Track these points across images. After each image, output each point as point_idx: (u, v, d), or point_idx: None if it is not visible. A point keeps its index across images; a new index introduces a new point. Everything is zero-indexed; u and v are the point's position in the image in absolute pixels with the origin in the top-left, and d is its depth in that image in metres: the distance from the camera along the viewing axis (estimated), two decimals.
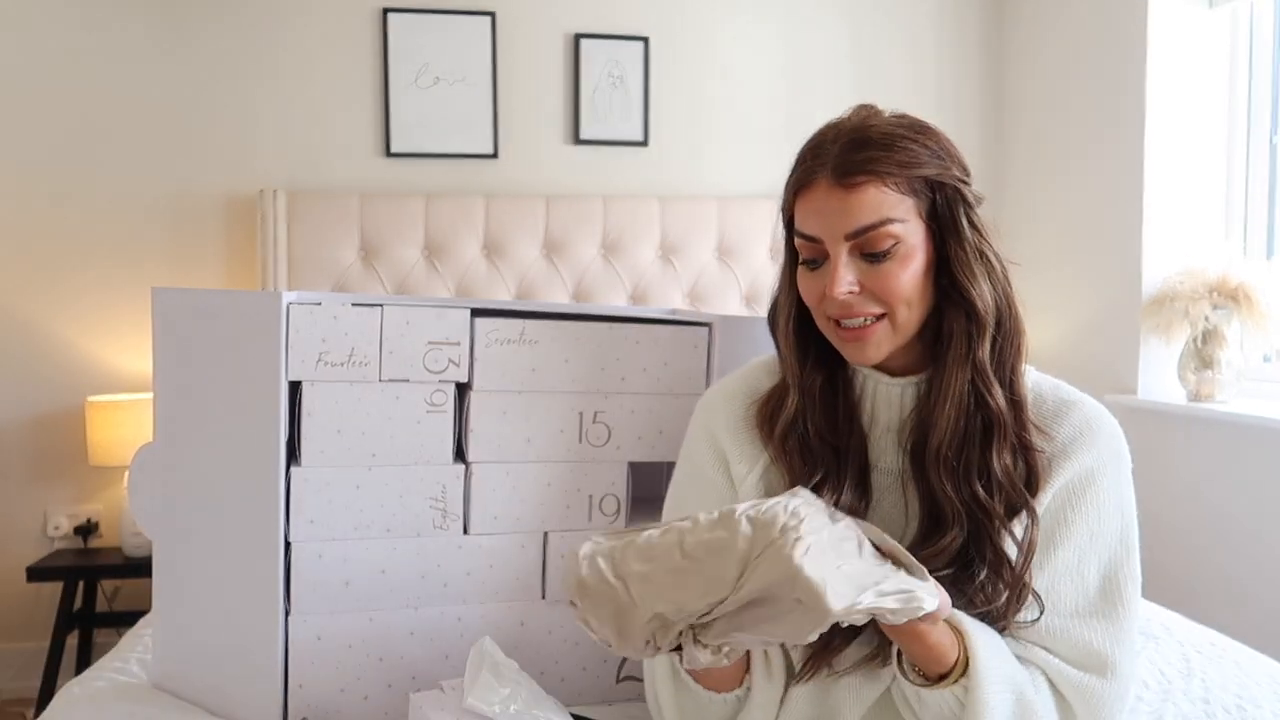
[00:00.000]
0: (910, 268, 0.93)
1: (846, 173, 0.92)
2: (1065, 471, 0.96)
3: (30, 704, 2.66)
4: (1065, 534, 0.96)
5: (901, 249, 0.93)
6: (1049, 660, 0.96)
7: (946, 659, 0.90)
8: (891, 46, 3.18)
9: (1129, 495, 1.00)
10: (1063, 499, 0.97)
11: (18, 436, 2.74)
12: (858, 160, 0.92)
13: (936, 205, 0.94)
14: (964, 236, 0.94)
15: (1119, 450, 1.00)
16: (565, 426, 1.26)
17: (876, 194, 0.91)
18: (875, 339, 0.95)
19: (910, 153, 0.92)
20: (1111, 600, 0.97)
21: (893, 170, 0.92)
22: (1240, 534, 2.41)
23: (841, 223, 0.93)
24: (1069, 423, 0.98)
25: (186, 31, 2.78)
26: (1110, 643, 0.96)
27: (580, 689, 1.29)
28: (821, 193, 0.94)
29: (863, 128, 0.94)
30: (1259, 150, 2.67)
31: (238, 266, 2.83)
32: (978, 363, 0.94)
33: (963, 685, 0.89)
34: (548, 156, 2.99)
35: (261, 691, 1.17)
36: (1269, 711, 1.28)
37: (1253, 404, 2.49)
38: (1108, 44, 2.81)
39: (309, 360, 1.15)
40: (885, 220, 0.92)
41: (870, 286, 0.93)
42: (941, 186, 0.94)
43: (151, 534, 1.25)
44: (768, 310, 1.08)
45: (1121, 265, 2.76)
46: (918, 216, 0.93)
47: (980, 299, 0.94)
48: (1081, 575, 0.97)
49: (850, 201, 0.92)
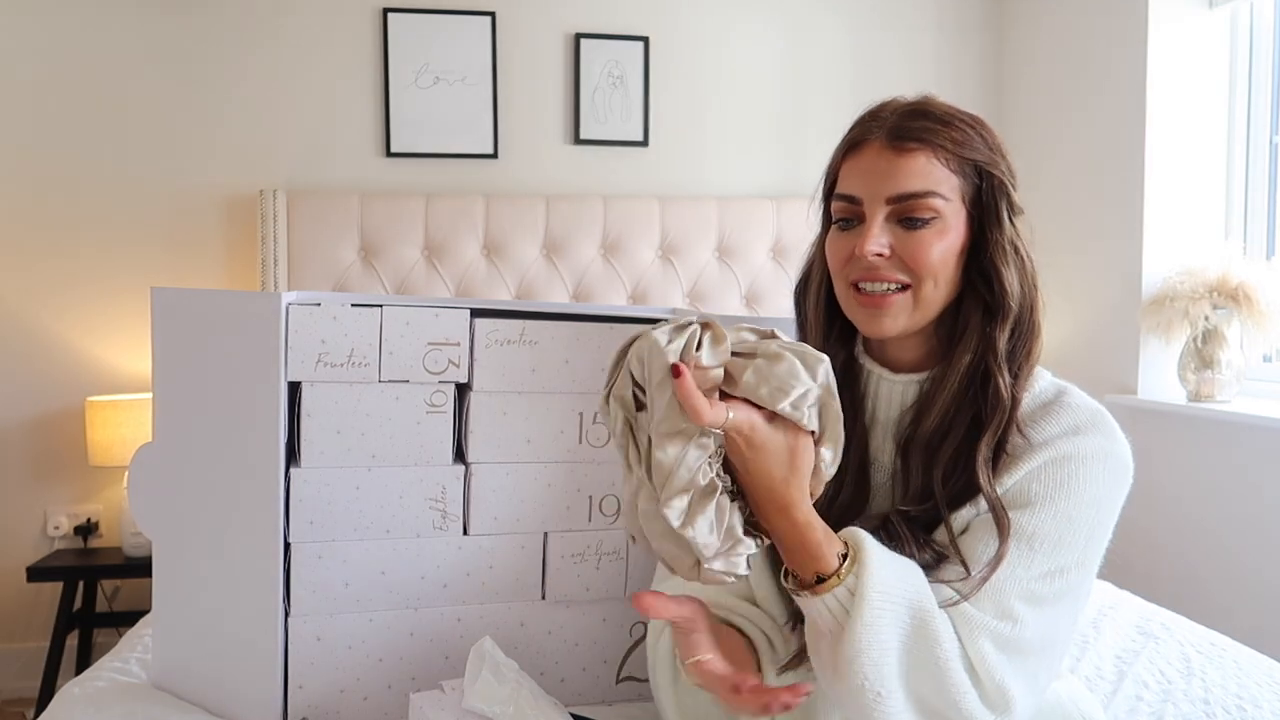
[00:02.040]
0: (945, 242, 0.93)
1: (900, 136, 0.93)
2: (1039, 456, 0.93)
3: (30, 704, 2.66)
4: (1023, 502, 0.92)
5: (940, 223, 0.93)
6: (963, 606, 0.88)
7: (821, 550, 0.82)
8: (891, 47, 3.18)
9: (1110, 498, 0.94)
10: (1033, 474, 0.92)
11: (18, 436, 2.74)
12: (914, 127, 0.93)
13: (981, 192, 0.94)
14: (1003, 226, 0.94)
15: (1110, 451, 0.95)
16: (565, 427, 1.25)
17: (926, 163, 0.92)
18: (894, 309, 0.94)
19: (966, 134, 0.94)
20: (1050, 577, 0.90)
21: (946, 144, 0.93)
22: (1240, 534, 2.41)
23: (886, 184, 0.93)
24: (1059, 423, 0.95)
25: (186, 32, 2.78)
26: (1024, 602, 0.89)
27: (580, 689, 1.29)
28: (873, 153, 0.94)
29: (923, 102, 0.97)
30: (1259, 150, 2.67)
31: (238, 266, 2.83)
32: (995, 347, 0.94)
33: (848, 587, 0.82)
34: (548, 156, 2.99)
35: (261, 691, 1.17)
36: (1269, 711, 1.28)
37: (1253, 404, 2.49)
38: (1108, 44, 2.81)
39: (309, 361, 1.15)
40: (930, 192, 0.92)
41: (901, 253, 0.93)
42: (990, 175, 0.95)
43: (151, 534, 1.25)
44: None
45: (1121, 265, 2.76)
46: (960, 199, 0.94)
47: (1010, 285, 0.94)
48: (1031, 549, 0.90)
49: (900, 164, 0.93)
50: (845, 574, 0.83)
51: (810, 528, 0.82)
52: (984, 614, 0.88)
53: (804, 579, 0.84)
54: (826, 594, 0.83)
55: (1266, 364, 2.63)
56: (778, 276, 2.99)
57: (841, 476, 0.98)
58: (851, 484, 0.99)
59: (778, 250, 3.00)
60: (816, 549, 0.83)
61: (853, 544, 0.85)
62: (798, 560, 0.84)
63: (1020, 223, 0.96)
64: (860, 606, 0.82)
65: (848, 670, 0.83)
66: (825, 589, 0.83)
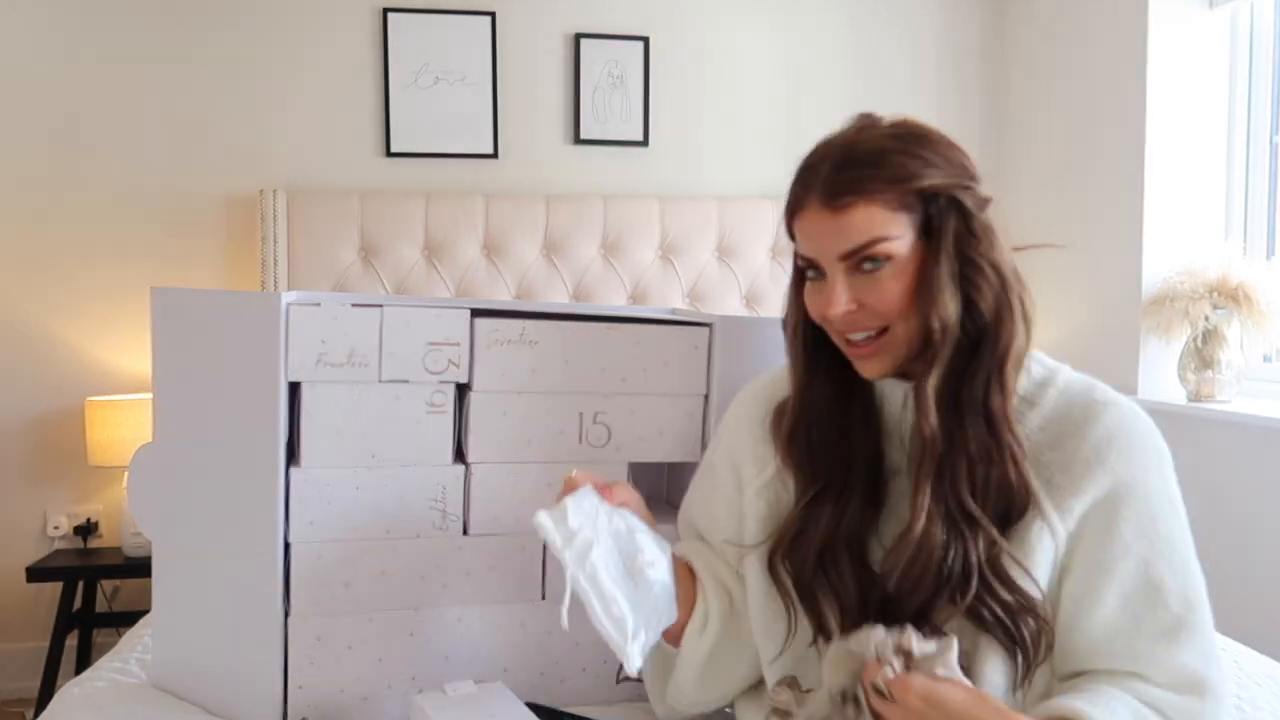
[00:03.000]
0: (903, 281, 0.92)
1: (834, 194, 0.92)
2: (1101, 479, 0.93)
3: (30, 704, 2.66)
4: (1122, 549, 0.93)
5: (896, 264, 0.92)
6: (1150, 693, 0.91)
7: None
8: (892, 47, 3.18)
9: (1176, 494, 0.97)
10: (1108, 512, 0.93)
11: (18, 436, 2.74)
12: (844, 181, 0.91)
13: (930, 217, 0.92)
14: (947, 249, 0.91)
15: (1158, 450, 0.97)
16: (565, 427, 1.25)
17: (865, 213, 0.91)
18: (881, 352, 0.95)
19: (899, 167, 0.91)
20: (1192, 607, 0.93)
21: (880, 188, 0.91)
22: (1240, 534, 2.41)
23: (833, 244, 0.93)
24: (1100, 425, 0.95)
25: (186, 32, 2.78)
26: (1202, 660, 0.92)
27: (580, 689, 1.29)
28: (812, 215, 0.94)
29: (851, 146, 0.93)
30: (1259, 150, 2.67)
31: (238, 266, 2.83)
32: (922, 388, 0.93)
33: None
34: (548, 156, 2.99)
35: (261, 692, 1.17)
36: (1269, 712, 1.28)
37: (1253, 404, 2.49)
38: (1108, 44, 2.81)
39: (308, 361, 1.15)
40: (875, 239, 0.91)
41: (867, 303, 0.93)
42: (934, 197, 0.92)
43: (151, 534, 1.25)
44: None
45: (1121, 265, 2.76)
46: (911, 230, 0.92)
47: (938, 315, 0.91)
48: (1156, 588, 0.93)
49: (840, 223, 0.92)
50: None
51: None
52: (1184, 698, 0.91)
53: None
54: None
55: (1266, 364, 2.63)
56: (777, 276, 2.98)
57: (850, 491, 0.99)
58: (860, 497, 0.99)
59: (778, 250, 3.00)
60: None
61: (1070, 714, 0.87)
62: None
63: (982, 224, 0.93)
64: None
65: None
66: None
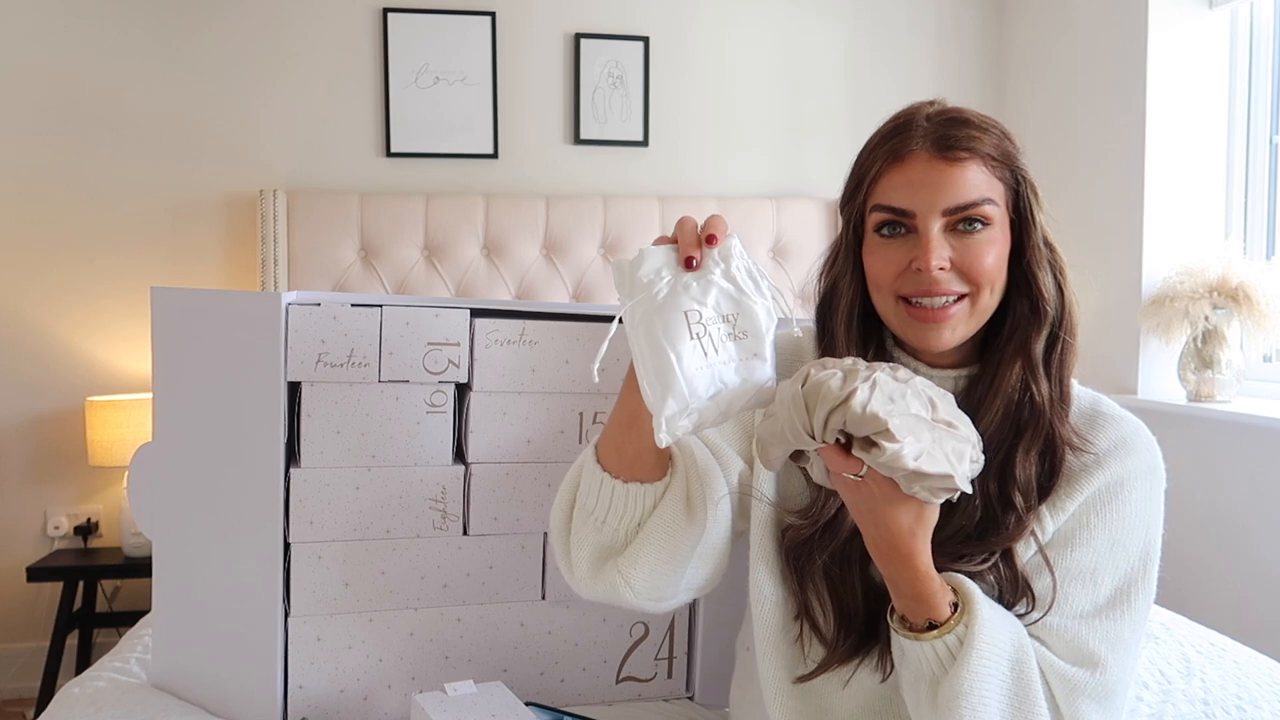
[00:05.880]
0: (998, 249, 0.93)
1: (949, 146, 0.91)
2: (1094, 482, 0.95)
3: (30, 704, 2.66)
4: (1086, 537, 0.94)
5: (992, 230, 0.93)
6: (1041, 651, 0.93)
7: (935, 599, 0.86)
8: (892, 46, 3.18)
9: (1157, 512, 0.98)
10: (1088, 505, 0.95)
11: (18, 436, 2.74)
12: (960, 136, 0.91)
13: (1020, 195, 0.95)
14: (1038, 229, 0.95)
15: (1153, 467, 0.98)
16: (565, 427, 1.25)
17: (978, 172, 0.92)
18: (953, 321, 0.93)
19: (1003, 140, 0.94)
20: (1119, 606, 0.95)
21: (990, 151, 0.92)
22: (1240, 534, 2.41)
23: (941, 196, 0.91)
24: (1104, 437, 0.96)
25: (186, 31, 2.78)
26: (1105, 645, 0.93)
27: (580, 689, 1.29)
28: (920, 165, 0.92)
29: (957, 109, 0.95)
30: (1259, 150, 2.67)
31: (238, 266, 2.83)
32: (1031, 354, 0.94)
33: (958, 636, 0.85)
34: (548, 156, 2.99)
35: (261, 691, 1.17)
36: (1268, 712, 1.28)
37: (1253, 404, 2.49)
38: (1108, 44, 2.81)
39: (308, 361, 1.15)
40: (985, 199, 0.91)
41: (960, 263, 0.92)
42: (1024, 178, 0.95)
43: (151, 534, 1.25)
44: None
45: (1121, 265, 2.76)
46: (1005, 205, 0.94)
47: (1046, 289, 0.94)
48: (1095, 582, 0.94)
49: (953, 175, 0.91)
50: (955, 623, 0.86)
51: (929, 578, 0.86)
52: (1072, 667, 0.91)
53: (914, 624, 0.88)
54: (936, 640, 0.86)
55: (1266, 364, 2.62)
56: (778, 277, 2.98)
57: None
58: None
59: (778, 250, 3.00)
60: (931, 597, 0.86)
61: (962, 594, 0.88)
62: (910, 606, 0.87)
63: (1047, 216, 0.97)
64: (968, 655, 0.85)
65: (947, 712, 0.86)
66: (934, 635, 0.86)
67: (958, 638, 0.85)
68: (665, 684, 1.33)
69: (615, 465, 0.95)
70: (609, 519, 0.96)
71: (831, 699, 1.00)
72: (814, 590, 0.98)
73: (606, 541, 0.97)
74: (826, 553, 0.97)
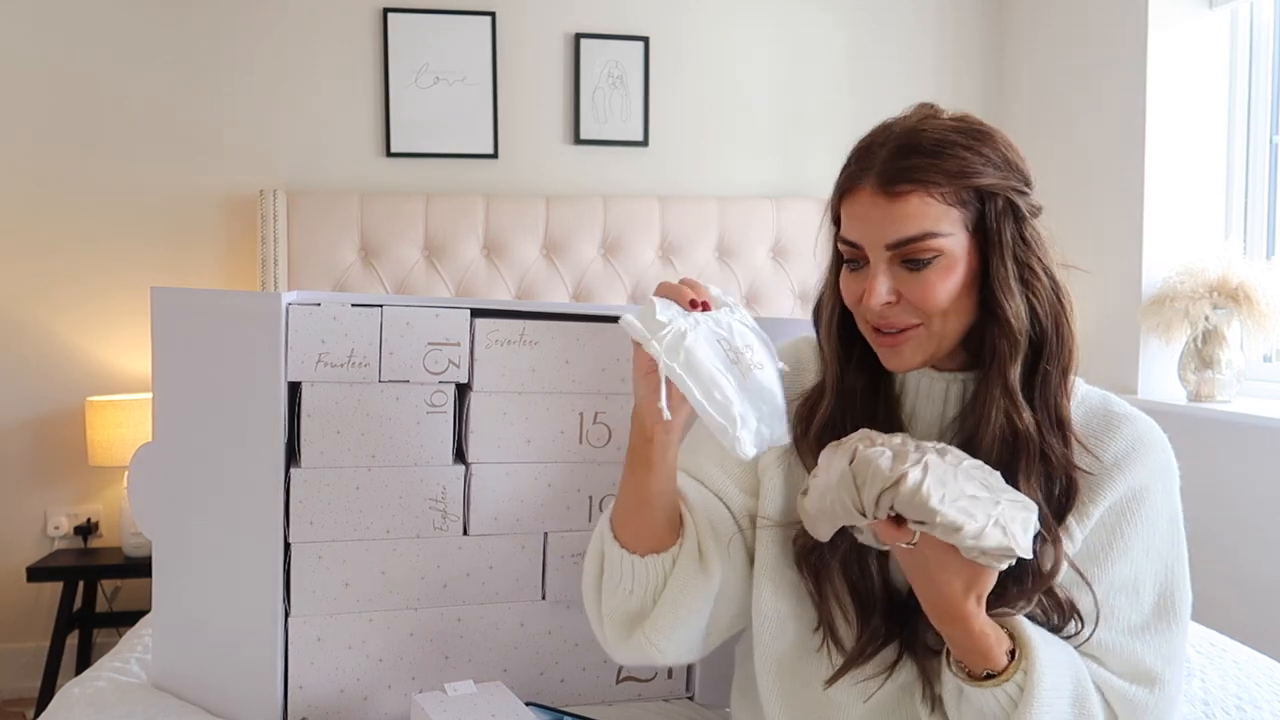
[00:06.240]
0: (950, 280, 0.91)
1: (890, 180, 0.89)
2: (1117, 487, 0.94)
3: (30, 704, 2.66)
4: (1122, 549, 0.94)
5: (943, 261, 0.90)
6: (1099, 672, 0.94)
7: (992, 653, 0.87)
8: (891, 46, 3.18)
9: (1179, 509, 0.99)
10: (1116, 514, 0.95)
11: (18, 436, 2.74)
12: (904, 168, 0.89)
13: (984, 216, 0.90)
14: (1007, 251, 0.91)
15: (1169, 465, 0.98)
16: (565, 427, 1.25)
17: (920, 205, 0.89)
18: (911, 344, 0.93)
19: (961, 161, 0.89)
20: (1166, 617, 0.95)
21: (939, 180, 0.89)
22: (1240, 534, 2.41)
23: (882, 232, 0.90)
24: (1120, 438, 0.96)
25: (186, 31, 2.78)
26: (1161, 660, 0.94)
27: (580, 689, 1.29)
28: (865, 199, 0.91)
29: (914, 131, 0.91)
30: (1259, 150, 2.67)
31: (238, 266, 2.83)
32: (1007, 383, 0.91)
33: (1017, 684, 0.86)
34: (548, 156, 2.99)
35: (261, 692, 1.17)
36: (1268, 712, 1.28)
37: (1253, 404, 2.48)
38: (1108, 44, 2.81)
39: (309, 361, 1.15)
40: (928, 234, 0.89)
41: (908, 296, 0.91)
42: (992, 197, 0.90)
43: (151, 534, 1.25)
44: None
45: (1121, 265, 2.76)
46: (963, 228, 0.90)
47: (1015, 317, 0.90)
48: (1137, 592, 0.95)
49: (893, 211, 0.89)
50: (1014, 671, 0.87)
51: (985, 635, 0.86)
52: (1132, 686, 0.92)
53: (972, 671, 0.89)
54: (996, 688, 0.87)
55: (1266, 364, 2.62)
56: (778, 276, 2.99)
57: None
58: None
59: (778, 250, 3.00)
60: (988, 651, 0.87)
61: (1019, 641, 0.88)
62: (967, 657, 0.88)
63: (1034, 231, 0.93)
64: (1029, 701, 0.86)
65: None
66: (994, 684, 0.87)
67: (1018, 685, 0.86)
68: (665, 684, 1.33)
69: (631, 541, 0.99)
70: (635, 589, 1.00)
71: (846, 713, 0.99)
72: (833, 593, 0.97)
73: (635, 609, 1.00)
74: (840, 552, 0.96)
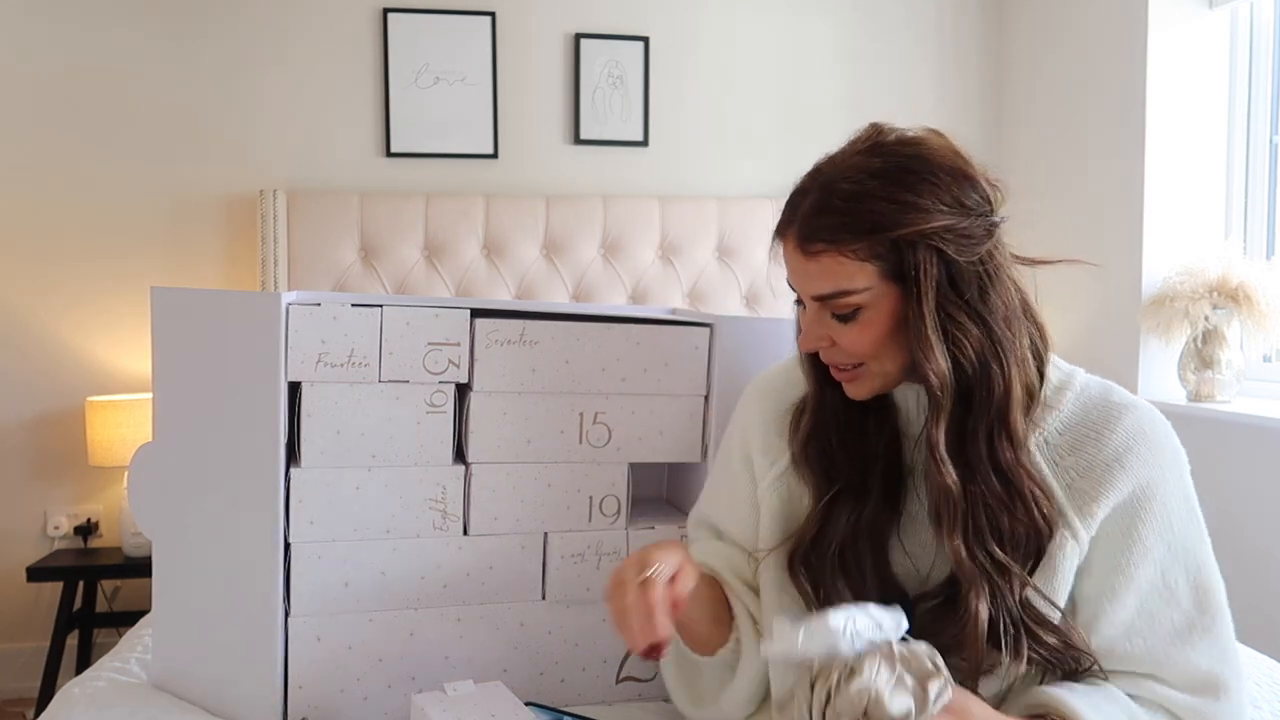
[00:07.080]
0: (874, 330, 0.91)
1: (805, 239, 0.92)
2: (1122, 485, 0.93)
3: (30, 704, 2.66)
4: (1142, 551, 0.92)
5: (865, 314, 0.91)
6: (1162, 692, 0.92)
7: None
8: (892, 47, 3.18)
9: (1192, 494, 0.97)
10: (1128, 515, 0.93)
11: (18, 436, 2.74)
12: (816, 228, 0.90)
13: (904, 266, 0.88)
14: (927, 302, 0.88)
15: (1175, 452, 0.98)
16: (565, 427, 1.25)
17: (833, 263, 0.90)
18: (860, 382, 0.96)
19: (875, 215, 0.87)
20: (1207, 610, 0.93)
21: (847, 239, 0.88)
22: (1240, 534, 2.41)
23: (805, 286, 0.94)
24: (1120, 430, 0.95)
25: (187, 32, 2.78)
26: (1218, 661, 0.92)
27: (580, 689, 1.29)
28: (790, 252, 0.95)
29: (830, 185, 0.91)
30: (1259, 150, 2.67)
31: (238, 266, 2.83)
32: (930, 439, 0.90)
33: None
34: (548, 156, 2.99)
35: (261, 691, 1.17)
36: (1268, 712, 1.28)
37: (1253, 404, 2.48)
38: (1108, 45, 2.81)
39: (309, 361, 1.15)
40: (841, 292, 0.90)
41: (839, 342, 0.94)
42: (912, 247, 0.87)
43: (151, 534, 1.25)
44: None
45: (1121, 265, 2.76)
46: (881, 279, 0.89)
47: (935, 374, 0.88)
48: (1171, 589, 0.93)
49: (809, 268, 0.92)
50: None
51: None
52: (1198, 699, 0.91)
53: None
54: None
55: (1266, 364, 2.62)
56: (778, 277, 2.98)
57: (867, 492, 0.98)
58: (879, 499, 0.98)
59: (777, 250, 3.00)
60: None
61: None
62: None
63: (964, 269, 0.88)
64: None
65: None
66: None
67: None
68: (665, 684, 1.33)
69: (696, 647, 1.07)
70: (721, 686, 1.08)
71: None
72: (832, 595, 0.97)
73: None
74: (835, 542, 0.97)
